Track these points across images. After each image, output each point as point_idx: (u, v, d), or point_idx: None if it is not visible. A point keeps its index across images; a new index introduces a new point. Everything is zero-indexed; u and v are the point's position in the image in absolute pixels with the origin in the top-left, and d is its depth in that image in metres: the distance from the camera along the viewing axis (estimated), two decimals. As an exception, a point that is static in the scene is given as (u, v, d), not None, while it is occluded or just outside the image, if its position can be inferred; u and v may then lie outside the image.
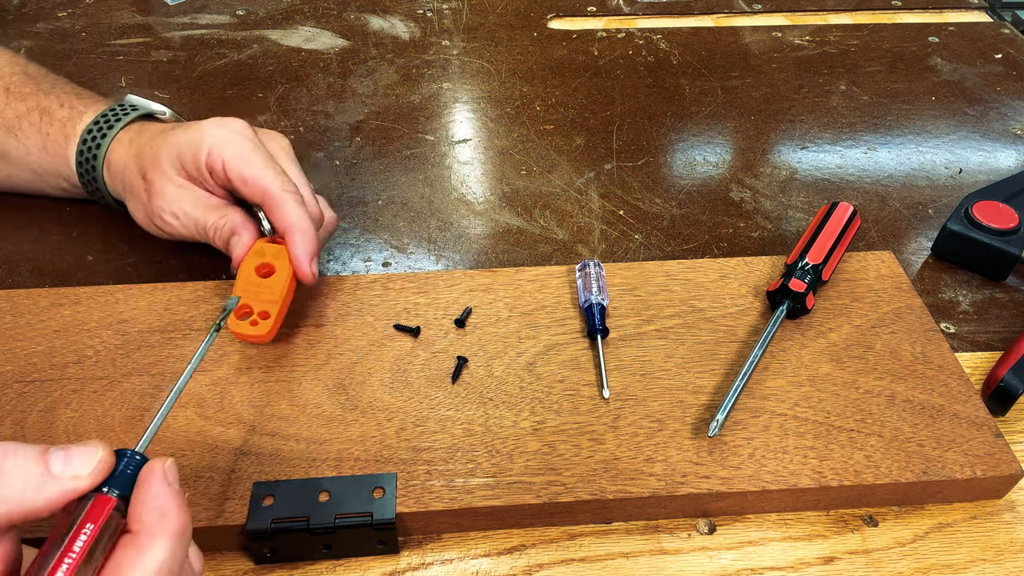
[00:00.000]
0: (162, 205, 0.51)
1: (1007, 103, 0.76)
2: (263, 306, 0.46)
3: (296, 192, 0.48)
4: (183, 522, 0.29)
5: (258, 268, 0.47)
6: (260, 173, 0.48)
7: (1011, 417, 0.49)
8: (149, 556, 0.28)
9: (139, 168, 0.52)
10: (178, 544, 0.29)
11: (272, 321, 0.45)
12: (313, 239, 0.47)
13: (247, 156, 0.48)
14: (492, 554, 0.41)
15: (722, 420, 0.43)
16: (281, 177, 0.48)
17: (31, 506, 0.27)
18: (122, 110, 0.55)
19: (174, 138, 0.50)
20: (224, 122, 0.50)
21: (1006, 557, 0.42)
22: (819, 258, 0.51)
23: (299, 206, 0.47)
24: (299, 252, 0.46)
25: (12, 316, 0.49)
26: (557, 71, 0.79)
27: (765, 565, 0.41)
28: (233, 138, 0.49)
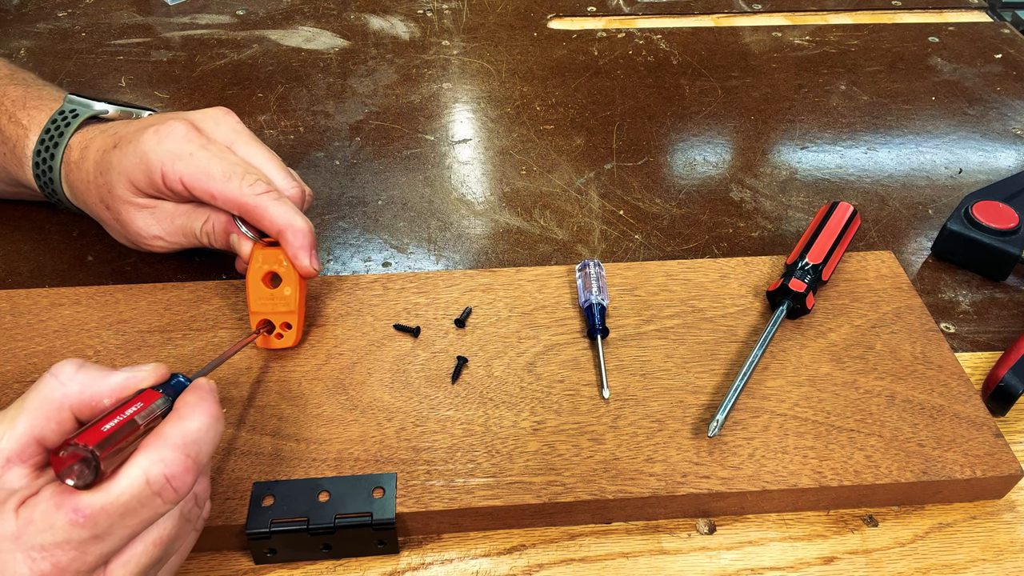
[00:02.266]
0: (139, 233, 0.49)
1: (1007, 103, 0.76)
2: (282, 317, 0.46)
3: (269, 188, 0.45)
4: (218, 412, 0.34)
5: (264, 278, 0.46)
6: (224, 186, 0.45)
7: (1011, 417, 0.49)
8: (186, 423, 0.33)
9: (99, 200, 0.49)
10: (211, 425, 0.34)
11: (295, 330, 0.47)
12: (306, 233, 0.45)
13: (204, 167, 0.45)
14: (492, 554, 0.41)
15: (722, 420, 0.43)
16: (248, 179, 0.45)
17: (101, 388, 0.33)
18: (63, 120, 0.51)
19: (120, 161, 0.47)
20: (164, 132, 0.46)
21: (1006, 557, 0.42)
22: (819, 258, 0.51)
23: (279, 205, 0.45)
24: (296, 252, 0.45)
25: (12, 316, 0.49)
26: (557, 71, 0.79)
27: (765, 565, 0.41)
28: (181, 150, 0.45)
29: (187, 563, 0.40)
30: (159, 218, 0.48)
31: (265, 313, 0.46)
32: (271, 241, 0.47)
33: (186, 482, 0.32)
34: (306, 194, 0.49)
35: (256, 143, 0.48)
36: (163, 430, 0.32)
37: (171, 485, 0.31)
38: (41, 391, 0.32)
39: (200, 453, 0.33)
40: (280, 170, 0.48)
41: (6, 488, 0.30)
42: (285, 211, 0.45)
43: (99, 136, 0.49)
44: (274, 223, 0.45)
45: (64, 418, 0.32)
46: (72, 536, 0.29)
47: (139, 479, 0.31)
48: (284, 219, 0.45)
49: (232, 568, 0.41)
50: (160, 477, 0.31)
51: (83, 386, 0.33)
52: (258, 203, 0.44)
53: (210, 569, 0.40)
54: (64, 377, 0.33)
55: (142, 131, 0.46)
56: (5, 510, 0.29)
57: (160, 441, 0.32)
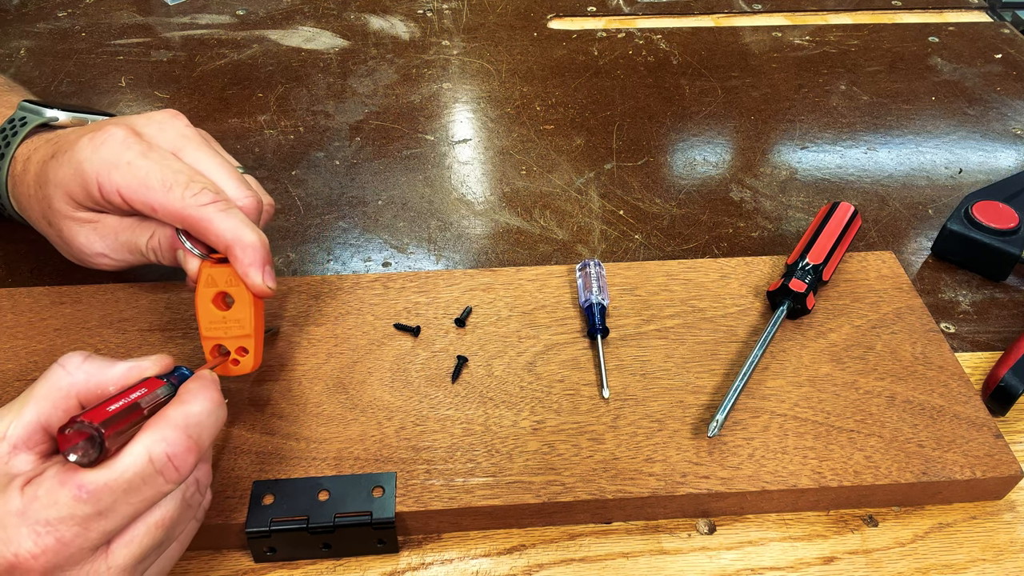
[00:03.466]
0: (83, 250, 0.46)
1: (1007, 103, 0.76)
2: (237, 342, 0.42)
3: (216, 198, 0.40)
4: (220, 399, 0.35)
5: (215, 300, 0.42)
6: (164, 196, 0.40)
7: (1011, 417, 0.49)
8: (188, 407, 0.33)
9: (42, 216, 0.46)
10: (213, 410, 0.34)
11: (252, 355, 0.42)
12: (256, 248, 0.40)
13: (142, 177, 0.40)
14: (492, 554, 0.41)
15: (722, 420, 0.43)
16: (192, 188, 0.40)
17: (106, 377, 0.34)
18: (11, 129, 0.48)
19: (55, 173, 0.43)
20: (100, 139, 0.42)
21: (1006, 557, 0.42)
22: (820, 258, 0.51)
23: (226, 216, 0.40)
24: (246, 269, 0.40)
25: (13, 314, 0.49)
26: (557, 71, 0.79)
27: (765, 565, 0.41)
28: (118, 158, 0.41)
29: (187, 562, 0.40)
30: (102, 234, 0.45)
31: (218, 338, 0.42)
32: (221, 257, 0.42)
33: (188, 462, 0.32)
34: (265, 204, 0.45)
35: (206, 148, 0.44)
36: (166, 412, 0.33)
37: (173, 464, 0.32)
38: (48, 380, 0.33)
39: (202, 436, 0.33)
40: (232, 178, 0.43)
41: (11, 473, 0.31)
42: (233, 224, 0.40)
43: (43, 146, 0.46)
44: (221, 237, 0.40)
45: (71, 406, 0.33)
46: (76, 511, 0.30)
47: (142, 457, 0.31)
48: (232, 233, 0.40)
49: (232, 567, 0.41)
50: (162, 456, 0.32)
51: (89, 375, 0.33)
52: (202, 215, 0.40)
53: (210, 568, 0.40)
54: (71, 367, 0.33)
55: (79, 139, 0.42)
56: (11, 489, 0.30)
57: (163, 422, 0.32)
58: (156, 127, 0.44)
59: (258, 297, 0.42)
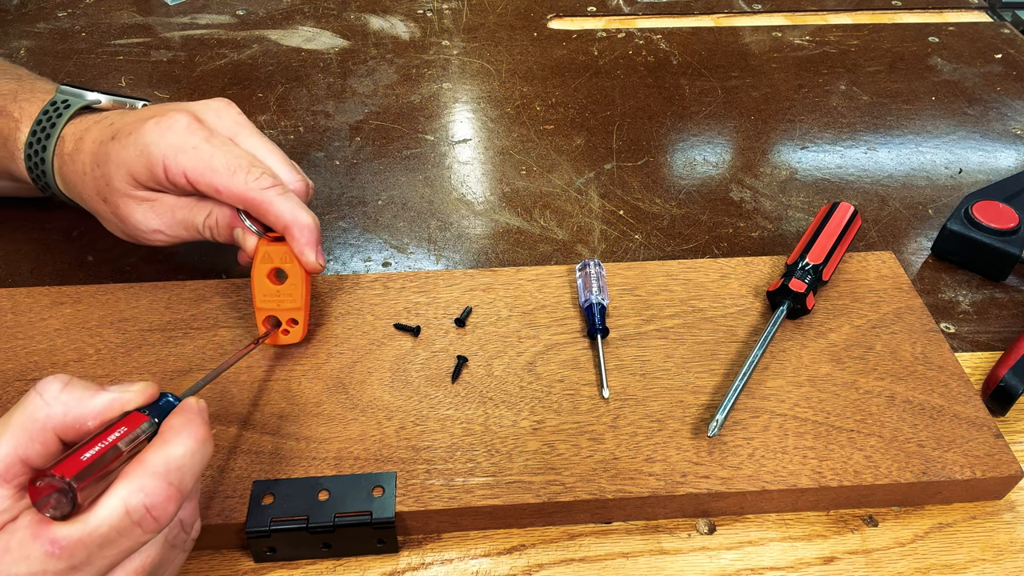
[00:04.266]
0: (138, 227, 0.47)
1: (1007, 103, 0.76)
2: (289, 314, 0.46)
3: (274, 183, 0.44)
4: (206, 435, 0.33)
5: (269, 275, 0.46)
6: (229, 180, 0.43)
7: (1011, 417, 0.49)
8: (170, 448, 0.32)
9: (96, 193, 0.48)
10: (197, 449, 0.33)
11: (301, 326, 0.46)
12: (312, 229, 0.44)
13: (208, 161, 0.44)
14: (492, 554, 0.41)
15: (722, 420, 0.43)
16: (254, 173, 0.44)
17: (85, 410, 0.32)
18: (55, 111, 0.49)
19: (117, 154, 0.45)
20: (166, 124, 0.44)
21: (1006, 557, 0.42)
22: (819, 258, 0.51)
23: (284, 199, 0.44)
24: (303, 248, 0.44)
25: (13, 314, 0.49)
26: (557, 71, 0.79)
27: (765, 565, 0.41)
28: (185, 142, 0.44)
29: (187, 562, 0.40)
30: (159, 211, 0.47)
31: (271, 309, 0.46)
32: (276, 236, 0.46)
33: (168, 511, 0.31)
34: (310, 188, 0.48)
35: (259, 136, 0.47)
36: (145, 457, 0.31)
37: (151, 515, 0.30)
38: (26, 410, 0.31)
39: (184, 480, 0.32)
40: (284, 163, 0.47)
41: None
42: (291, 206, 0.44)
43: (94, 127, 0.48)
44: (280, 218, 0.44)
45: (48, 439, 0.31)
46: (48, 567, 0.29)
47: (118, 510, 0.30)
48: (290, 214, 0.44)
49: (232, 567, 0.41)
50: (140, 507, 0.30)
51: (67, 407, 0.32)
52: (264, 198, 0.43)
53: (210, 568, 0.40)
54: (48, 396, 0.32)
55: (142, 122, 0.45)
56: None
57: (141, 469, 0.31)
58: (214, 114, 0.47)
59: (310, 273, 0.46)
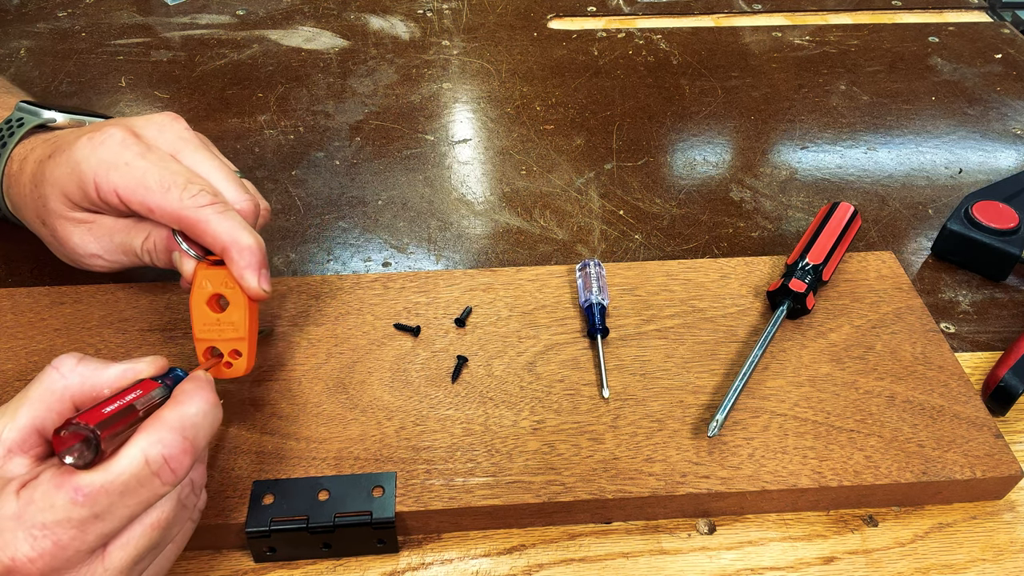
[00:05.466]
0: (76, 251, 0.46)
1: (1007, 103, 0.76)
2: (231, 344, 0.42)
3: (214, 200, 0.41)
4: (215, 400, 0.35)
5: (209, 302, 0.42)
6: (162, 197, 0.40)
7: (1011, 417, 0.49)
8: (184, 408, 0.33)
9: (36, 215, 0.46)
10: (208, 411, 0.34)
11: (245, 358, 0.42)
12: (253, 251, 0.40)
13: (140, 178, 0.41)
14: (492, 554, 0.41)
15: (722, 420, 0.43)
16: (190, 189, 0.40)
17: (101, 379, 0.34)
18: (8, 129, 0.48)
19: (51, 172, 0.43)
20: (99, 139, 0.42)
21: (1006, 557, 0.42)
22: (819, 258, 0.51)
23: (223, 218, 0.40)
24: (242, 271, 0.40)
25: (13, 314, 0.49)
26: (557, 71, 0.79)
27: (765, 565, 0.41)
28: (116, 158, 0.41)
29: (187, 562, 0.40)
30: (97, 235, 0.45)
31: (211, 340, 0.42)
32: (216, 260, 0.42)
33: (184, 463, 0.32)
34: (262, 208, 0.45)
35: (204, 151, 0.44)
36: (161, 414, 0.33)
37: (169, 466, 0.32)
38: (43, 383, 0.33)
39: (197, 437, 0.33)
40: (230, 181, 0.43)
41: (7, 476, 0.31)
42: (231, 226, 0.40)
43: (40, 146, 0.46)
44: (217, 239, 0.40)
45: (65, 408, 0.33)
46: (72, 514, 0.30)
47: (138, 459, 0.31)
48: (229, 235, 0.40)
49: (232, 567, 0.41)
50: (159, 457, 0.31)
51: (83, 377, 0.33)
52: (199, 216, 0.40)
53: (210, 568, 0.40)
54: (65, 369, 0.33)
55: (77, 139, 0.42)
56: (6, 493, 0.30)
57: (159, 424, 0.32)
58: (155, 129, 0.44)
59: (253, 300, 0.42)
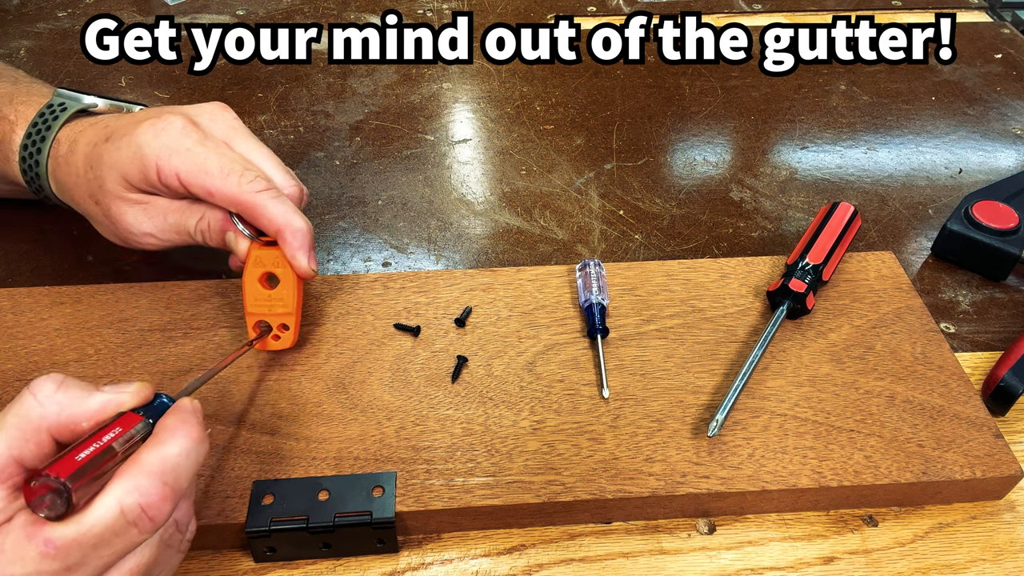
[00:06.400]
0: (129, 230, 0.47)
1: (1007, 103, 0.76)
2: (280, 319, 0.46)
3: (268, 186, 0.44)
4: (201, 435, 0.33)
5: (261, 279, 0.46)
6: (223, 182, 0.43)
7: (1011, 417, 0.49)
8: (164, 448, 0.32)
9: (89, 196, 0.47)
10: (192, 449, 0.33)
11: (292, 332, 0.46)
12: (304, 233, 0.44)
13: (201, 163, 0.44)
14: (492, 554, 0.41)
15: (722, 420, 0.43)
16: (247, 176, 0.44)
17: (80, 411, 0.32)
18: (51, 113, 0.49)
19: (111, 155, 0.45)
20: (161, 126, 0.44)
21: (1006, 557, 0.42)
22: (819, 258, 0.51)
23: (278, 203, 0.44)
24: (295, 252, 0.44)
25: (13, 314, 0.49)
26: (557, 71, 0.79)
27: (765, 565, 0.41)
28: (178, 144, 0.44)
29: (187, 562, 0.40)
30: (151, 214, 0.47)
31: (262, 314, 0.46)
32: (268, 240, 0.46)
33: (163, 511, 0.31)
34: (304, 193, 0.48)
35: (254, 140, 0.47)
36: (140, 456, 0.31)
37: (147, 515, 0.30)
38: (20, 410, 0.31)
39: (179, 479, 0.32)
40: (278, 168, 0.47)
41: None
42: (284, 210, 0.44)
43: (89, 129, 0.48)
44: (273, 222, 0.44)
45: (42, 439, 0.31)
46: (43, 568, 0.29)
47: (113, 509, 0.30)
48: (283, 218, 0.44)
49: (232, 567, 0.41)
50: (135, 507, 0.30)
51: (61, 407, 0.32)
52: (257, 200, 0.43)
53: (210, 568, 0.40)
54: (42, 396, 0.32)
55: (137, 124, 0.45)
56: None
57: (136, 469, 0.31)
58: (208, 117, 0.47)
59: (302, 278, 0.46)
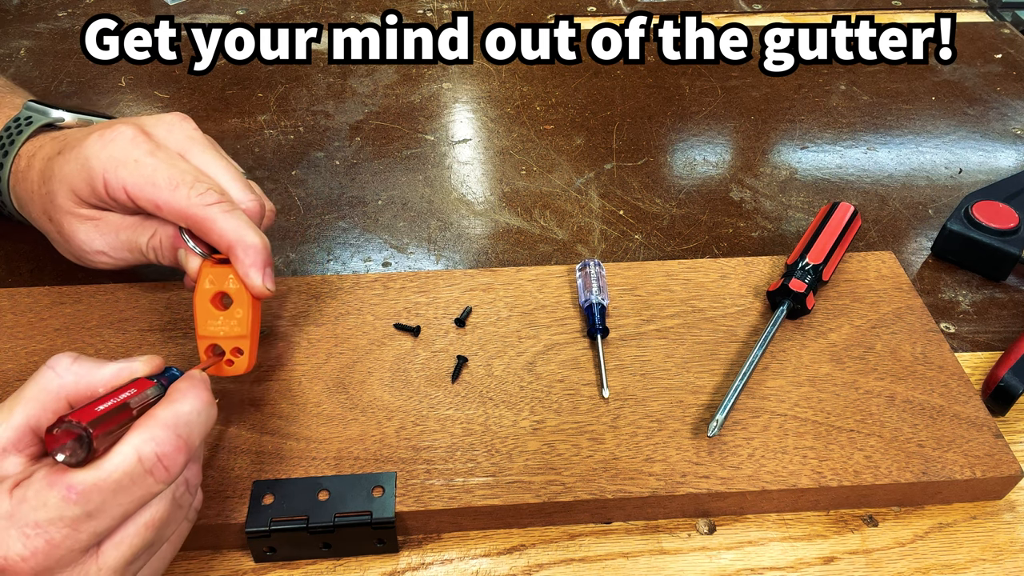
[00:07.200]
0: (82, 247, 0.46)
1: (1007, 103, 0.76)
2: (233, 342, 0.42)
3: (221, 199, 0.41)
4: (210, 399, 0.35)
5: (213, 299, 0.42)
6: (171, 195, 0.41)
7: (1011, 417, 0.49)
8: (178, 406, 0.33)
9: (43, 211, 0.46)
10: (203, 409, 0.34)
11: (247, 356, 0.42)
12: (258, 249, 0.41)
13: (149, 175, 0.41)
14: (492, 554, 0.41)
15: (722, 420, 0.43)
16: (198, 188, 0.41)
17: (96, 378, 0.34)
18: (16, 127, 0.48)
19: (61, 168, 0.44)
20: (109, 137, 0.43)
21: (1006, 557, 0.42)
22: (819, 258, 0.51)
23: (230, 217, 0.41)
24: (247, 270, 0.41)
25: (13, 314, 0.49)
26: (557, 71, 0.79)
27: (765, 565, 0.41)
28: (126, 156, 0.42)
29: (187, 562, 0.40)
30: (103, 231, 0.45)
31: (214, 337, 0.42)
32: (221, 258, 0.42)
33: (177, 462, 0.32)
34: (267, 209, 0.46)
35: (212, 151, 0.45)
36: (155, 412, 0.33)
37: (162, 464, 0.32)
38: (38, 382, 0.33)
39: (192, 435, 0.33)
40: (237, 181, 0.44)
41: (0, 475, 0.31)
42: (237, 224, 0.41)
43: (48, 143, 0.47)
44: (223, 237, 0.41)
45: (60, 407, 0.33)
46: (65, 513, 0.30)
47: (131, 456, 0.31)
48: (235, 233, 0.41)
49: (232, 567, 0.41)
50: (152, 455, 0.31)
51: (78, 376, 0.33)
52: (206, 214, 0.41)
53: (210, 568, 0.40)
54: (60, 368, 0.33)
55: (87, 136, 0.43)
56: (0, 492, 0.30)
57: (152, 421, 0.32)
58: (164, 128, 0.44)
59: (257, 298, 0.42)
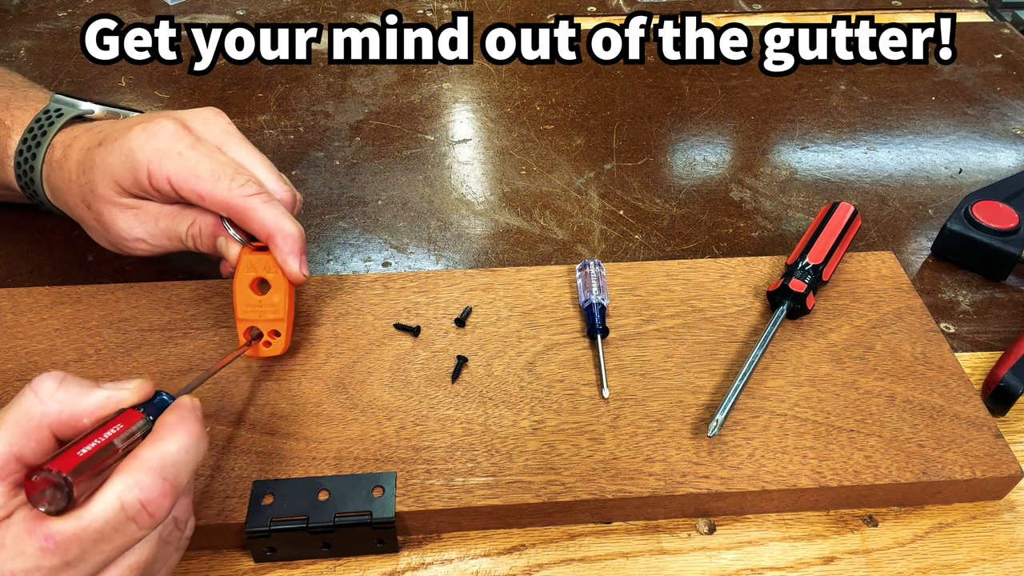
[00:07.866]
0: (121, 235, 0.47)
1: (1007, 103, 0.76)
2: (271, 325, 0.45)
3: (260, 190, 0.44)
4: (200, 432, 0.33)
5: (252, 284, 0.45)
6: (213, 186, 0.43)
7: (1011, 417, 0.49)
8: (164, 445, 0.32)
9: (81, 200, 0.47)
10: (191, 446, 0.33)
11: (283, 338, 0.45)
12: (296, 238, 0.44)
13: (192, 167, 0.43)
14: (492, 554, 0.41)
15: (722, 420, 0.43)
16: (239, 180, 0.43)
17: (80, 407, 0.32)
18: (47, 119, 0.50)
19: (103, 159, 0.45)
20: (152, 130, 0.44)
21: (1006, 557, 0.42)
22: (819, 258, 0.51)
23: (269, 207, 0.43)
24: (286, 257, 0.44)
25: (13, 314, 0.49)
26: (557, 71, 0.79)
27: (765, 565, 0.41)
28: (170, 148, 0.44)
29: (187, 562, 0.40)
30: (143, 219, 0.47)
31: (252, 320, 0.45)
32: (260, 245, 0.45)
33: (162, 507, 0.31)
34: (297, 199, 0.48)
35: (247, 145, 0.47)
36: (140, 453, 0.32)
37: (147, 511, 0.31)
38: (20, 407, 0.32)
39: (178, 476, 0.32)
40: (271, 173, 0.46)
41: None
42: (276, 214, 0.43)
43: (83, 135, 0.48)
44: (264, 226, 0.43)
45: (43, 436, 0.31)
46: (43, 563, 0.29)
47: (113, 505, 0.30)
48: (274, 222, 0.43)
49: (232, 567, 0.41)
50: (135, 502, 0.30)
51: (62, 404, 0.32)
52: (248, 204, 0.43)
53: (210, 568, 0.40)
54: (43, 394, 0.32)
55: (129, 128, 0.45)
56: None
57: (136, 464, 0.31)
58: (202, 122, 0.46)
59: (293, 284, 0.45)
